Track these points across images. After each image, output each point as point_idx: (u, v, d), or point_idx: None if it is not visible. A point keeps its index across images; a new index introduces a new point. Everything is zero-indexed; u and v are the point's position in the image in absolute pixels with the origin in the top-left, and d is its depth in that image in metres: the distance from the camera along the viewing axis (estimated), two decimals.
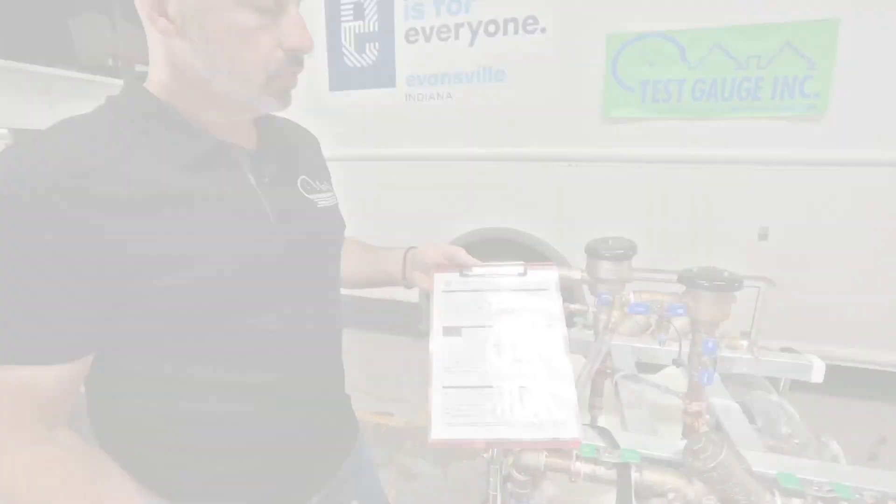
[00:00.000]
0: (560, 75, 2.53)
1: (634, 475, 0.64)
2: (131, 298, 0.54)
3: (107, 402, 0.63)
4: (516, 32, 2.55)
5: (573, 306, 0.84)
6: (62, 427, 0.55)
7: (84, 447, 0.56)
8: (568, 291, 0.76)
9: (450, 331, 0.75)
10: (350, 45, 2.87)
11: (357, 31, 2.84)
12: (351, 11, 2.82)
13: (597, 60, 2.43)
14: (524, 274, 0.80)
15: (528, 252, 2.79)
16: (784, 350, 1.03)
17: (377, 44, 2.82)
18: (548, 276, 0.80)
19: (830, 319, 2.40)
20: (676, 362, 0.81)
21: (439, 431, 0.66)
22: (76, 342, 0.53)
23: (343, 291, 0.85)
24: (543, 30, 2.50)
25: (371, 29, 2.81)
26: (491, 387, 0.69)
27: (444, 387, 0.70)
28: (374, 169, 3.02)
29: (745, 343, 0.73)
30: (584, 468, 0.66)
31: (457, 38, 2.66)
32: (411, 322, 3.24)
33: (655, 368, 1.15)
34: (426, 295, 0.95)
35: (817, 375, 0.97)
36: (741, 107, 2.24)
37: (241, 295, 0.60)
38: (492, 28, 2.59)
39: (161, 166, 0.57)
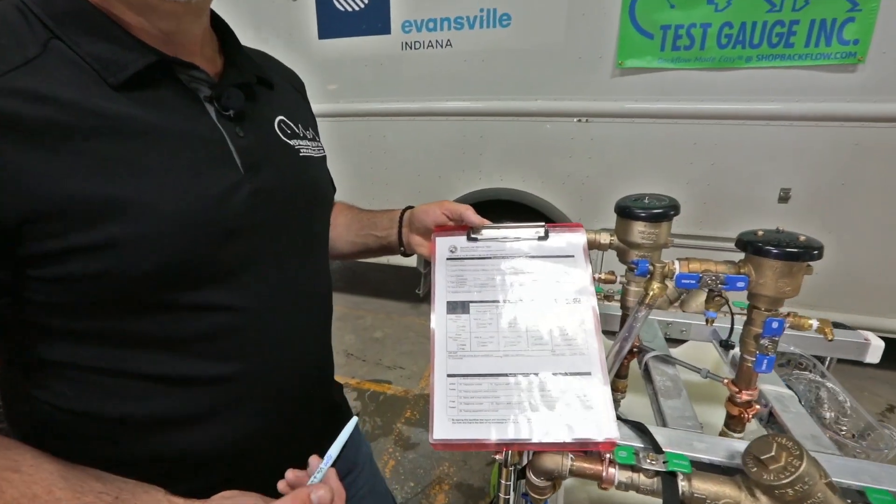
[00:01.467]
0: (571, 20, 2.30)
1: (682, 484, 0.52)
2: (42, 260, 0.40)
3: (20, 402, 0.50)
4: None
5: (600, 275, 0.70)
6: None
7: None
8: None
9: (455, 306, 0.62)
10: None
11: None
12: None
13: (612, 2, 2.19)
14: (545, 237, 0.66)
15: (533, 215, 2.64)
16: (836, 327, 0.91)
17: None
18: (574, 239, 0.66)
19: (853, 288, 2.28)
20: (725, 344, 0.68)
21: (443, 431, 0.54)
22: None
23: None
24: None
25: None
26: (505, 375, 0.57)
27: (448, 375, 0.57)
28: (366, 124, 2.80)
29: (814, 322, 0.60)
30: (619, 476, 0.54)
31: None
32: (409, 286, 3.13)
33: (674, 342, 1.03)
34: (425, 260, 0.80)
35: (874, 355, 0.85)
36: (771, 55, 2.04)
37: (192, 261, 0.46)
38: None
39: (84, 83, 0.42)
